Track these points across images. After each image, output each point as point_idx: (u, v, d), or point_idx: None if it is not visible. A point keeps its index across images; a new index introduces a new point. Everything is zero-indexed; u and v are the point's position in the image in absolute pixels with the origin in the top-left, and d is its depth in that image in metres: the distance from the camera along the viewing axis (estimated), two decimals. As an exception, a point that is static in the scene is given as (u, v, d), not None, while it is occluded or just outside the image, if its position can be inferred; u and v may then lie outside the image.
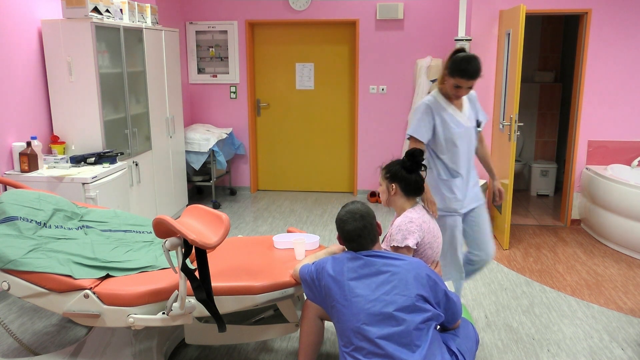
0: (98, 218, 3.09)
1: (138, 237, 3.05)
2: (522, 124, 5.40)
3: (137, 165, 4.52)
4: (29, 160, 3.71)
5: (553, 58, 6.65)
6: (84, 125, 4.04)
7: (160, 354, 2.77)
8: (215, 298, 2.43)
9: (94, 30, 3.90)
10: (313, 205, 6.05)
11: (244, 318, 2.95)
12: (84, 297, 2.48)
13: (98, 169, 3.79)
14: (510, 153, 4.46)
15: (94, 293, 2.48)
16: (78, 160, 3.89)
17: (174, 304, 2.36)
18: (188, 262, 2.28)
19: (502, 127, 4.81)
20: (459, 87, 2.83)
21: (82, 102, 4.01)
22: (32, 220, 2.76)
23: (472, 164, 3.07)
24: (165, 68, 5.11)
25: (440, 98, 2.96)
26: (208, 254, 2.86)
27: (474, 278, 4.04)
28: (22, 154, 3.70)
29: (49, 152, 4.07)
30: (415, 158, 2.57)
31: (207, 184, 6.13)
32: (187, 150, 5.78)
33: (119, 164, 4.00)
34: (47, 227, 2.80)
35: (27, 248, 2.60)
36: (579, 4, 4.92)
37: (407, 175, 2.58)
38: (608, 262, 4.39)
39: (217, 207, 5.99)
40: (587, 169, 5.06)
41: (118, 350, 2.72)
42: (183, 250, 2.23)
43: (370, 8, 6.02)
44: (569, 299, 3.71)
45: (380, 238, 2.45)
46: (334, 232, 5.10)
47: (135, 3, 4.57)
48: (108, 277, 2.62)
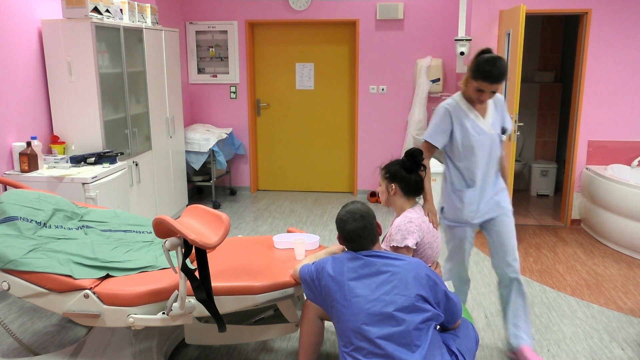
0: (98, 218, 3.09)
1: (138, 237, 3.05)
2: (522, 124, 5.40)
3: (137, 165, 4.52)
4: (29, 160, 3.71)
5: (553, 58, 6.65)
6: (84, 125, 4.05)
7: (160, 354, 2.77)
8: (215, 298, 2.43)
9: (94, 30, 3.91)
10: (313, 205, 6.05)
11: (244, 318, 2.95)
12: (84, 297, 2.48)
13: (98, 169, 3.79)
14: (511, 153, 4.46)
15: (94, 293, 2.48)
16: (78, 160, 3.89)
17: (174, 304, 2.36)
18: (188, 262, 2.28)
19: (502, 127, 4.80)
20: (482, 91, 2.62)
21: (82, 102, 4.01)
22: (32, 220, 2.76)
23: (492, 172, 2.85)
24: (165, 68, 5.11)
25: (462, 102, 2.76)
26: (208, 254, 2.86)
27: (474, 278, 4.04)
28: (22, 154, 3.71)
29: (49, 152, 4.07)
30: (415, 158, 2.56)
31: (207, 184, 6.13)
32: (187, 150, 5.78)
33: (119, 164, 4.00)
34: (47, 227, 2.80)
35: (27, 248, 2.60)
36: (579, 4, 4.92)
37: (406, 175, 2.58)
38: (608, 262, 4.39)
39: (217, 207, 5.99)
40: (587, 169, 5.06)
41: (118, 350, 2.72)
42: (183, 250, 2.23)
43: (370, 8, 6.02)
44: (569, 299, 3.71)
45: (380, 238, 2.44)
46: (334, 232, 5.10)
47: (135, 3, 4.57)
48: (108, 277, 2.62)
